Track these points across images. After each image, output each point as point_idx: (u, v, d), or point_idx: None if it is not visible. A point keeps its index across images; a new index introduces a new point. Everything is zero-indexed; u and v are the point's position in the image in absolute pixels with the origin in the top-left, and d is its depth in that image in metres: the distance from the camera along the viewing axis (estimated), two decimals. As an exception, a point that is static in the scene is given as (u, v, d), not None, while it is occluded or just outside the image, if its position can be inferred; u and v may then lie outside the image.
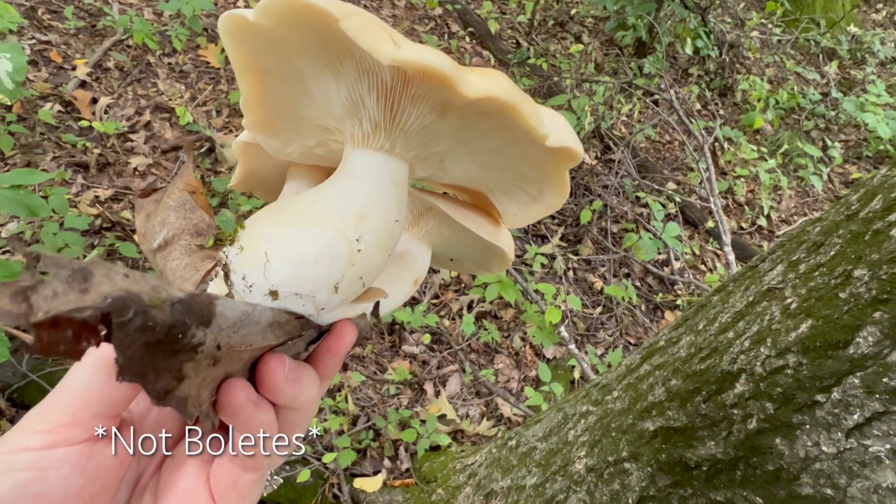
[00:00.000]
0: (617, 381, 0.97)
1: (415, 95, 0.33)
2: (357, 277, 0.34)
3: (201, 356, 0.27)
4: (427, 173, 0.41)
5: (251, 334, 0.30)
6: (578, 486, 0.92)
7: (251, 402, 0.31)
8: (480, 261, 0.50)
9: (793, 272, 0.62)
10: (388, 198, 0.35)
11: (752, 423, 0.61)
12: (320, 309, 0.34)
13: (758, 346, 0.62)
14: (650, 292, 2.72)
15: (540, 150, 0.35)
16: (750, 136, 3.91)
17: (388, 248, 0.36)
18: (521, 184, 0.41)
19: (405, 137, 0.36)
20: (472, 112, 0.33)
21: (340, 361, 0.36)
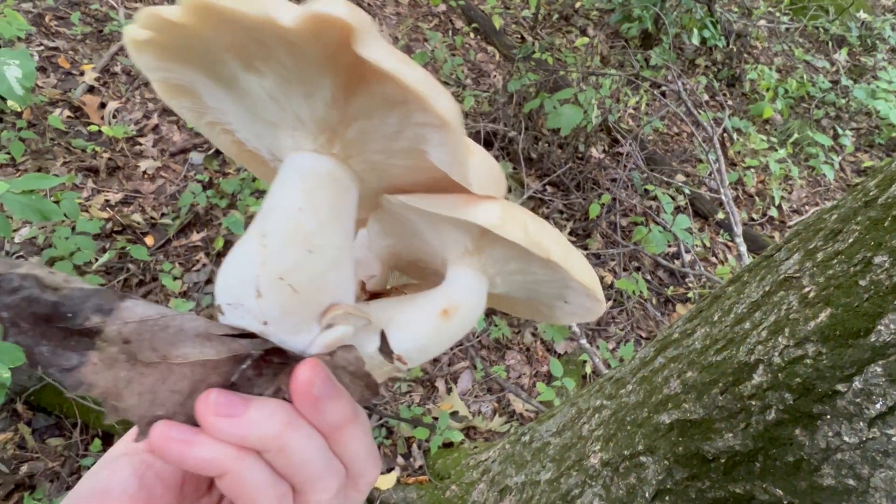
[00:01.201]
0: (631, 375, 0.96)
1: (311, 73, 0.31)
2: (276, 278, 0.31)
3: (107, 346, 0.27)
4: (369, 171, 0.37)
5: (181, 342, 0.29)
6: (594, 481, 0.92)
7: (171, 439, 0.28)
8: (557, 302, 0.43)
9: (810, 261, 0.62)
10: (292, 188, 0.33)
11: (770, 415, 0.60)
12: (262, 322, 0.31)
13: (775, 337, 0.61)
14: (661, 285, 2.70)
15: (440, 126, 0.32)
16: (759, 125, 3.87)
17: (299, 241, 0.31)
18: (434, 153, 0.36)
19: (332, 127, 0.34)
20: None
21: (319, 405, 0.30)
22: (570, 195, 2.88)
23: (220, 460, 0.28)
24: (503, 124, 3.01)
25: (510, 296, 0.43)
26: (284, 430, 0.29)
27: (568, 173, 2.87)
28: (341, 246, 0.34)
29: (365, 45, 0.26)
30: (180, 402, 0.29)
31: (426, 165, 0.34)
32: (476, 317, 0.38)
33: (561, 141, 2.91)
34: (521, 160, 2.72)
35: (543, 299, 0.43)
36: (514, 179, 2.88)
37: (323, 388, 0.30)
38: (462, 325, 0.37)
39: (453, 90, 3.39)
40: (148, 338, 0.28)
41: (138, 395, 0.28)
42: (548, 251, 0.34)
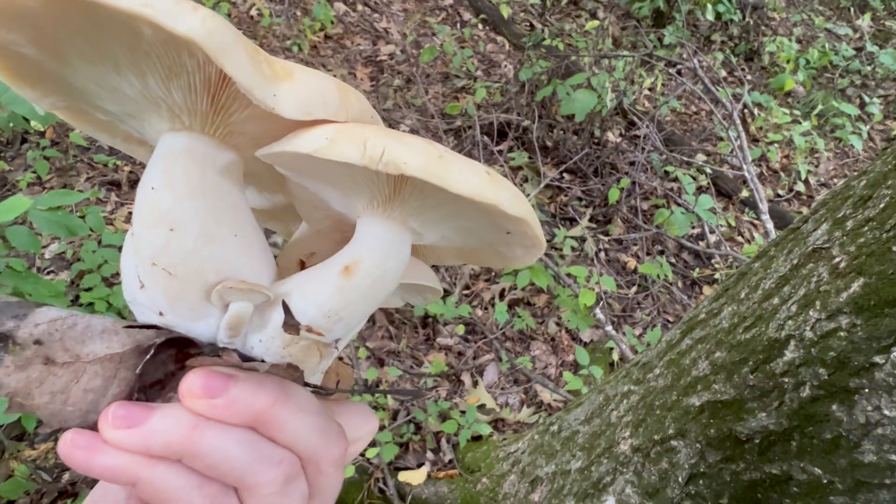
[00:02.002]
0: (658, 358, 0.94)
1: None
2: (150, 265, 0.30)
3: (19, 348, 0.28)
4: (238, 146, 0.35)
5: (88, 339, 0.29)
6: (625, 468, 0.90)
7: (76, 447, 0.27)
8: (497, 243, 0.39)
9: (839, 230, 0.59)
10: (150, 170, 0.31)
11: (805, 391, 0.58)
12: (158, 313, 0.30)
13: (806, 311, 0.59)
14: (686, 268, 2.65)
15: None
16: (781, 99, 3.76)
17: (157, 220, 0.30)
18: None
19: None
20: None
21: (215, 404, 0.28)
22: (588, 181, 2.84)
23: (126, 469, 0.27)
24: (516, 114, 2.99)
25: (452, 244, 0.40)
26: (191, 433, 0.28)
27: (585, 159, 2.83)
28: (213, 218, 0.31)
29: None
30: (94, 400, 0.29)
31: (266, 113, 0.30)
32: (393, 269, 0.35)
33: (576, 127, 2.87)
34: (536, 149, 2.69)
35: (488, 235, 0.38)
36: (530, 169, 2.85)
37: (210, 387, 0.28)
38: (372, 280, 0.33)
39: (465, 82, 3.37)
40: (58, 338, 0.29)
41: (50, 395, 0.28)
42: (399, 165, 0.28)
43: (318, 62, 3.27)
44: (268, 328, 0.32)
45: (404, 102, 3.13)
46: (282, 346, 0.32)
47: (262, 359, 0.32)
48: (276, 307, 0.32)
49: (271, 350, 0.32)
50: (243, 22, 3.37)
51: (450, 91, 3.35)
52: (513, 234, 0.36)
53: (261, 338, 0.32)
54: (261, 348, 0.32)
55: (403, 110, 3.02)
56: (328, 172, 0.34)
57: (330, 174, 0.34)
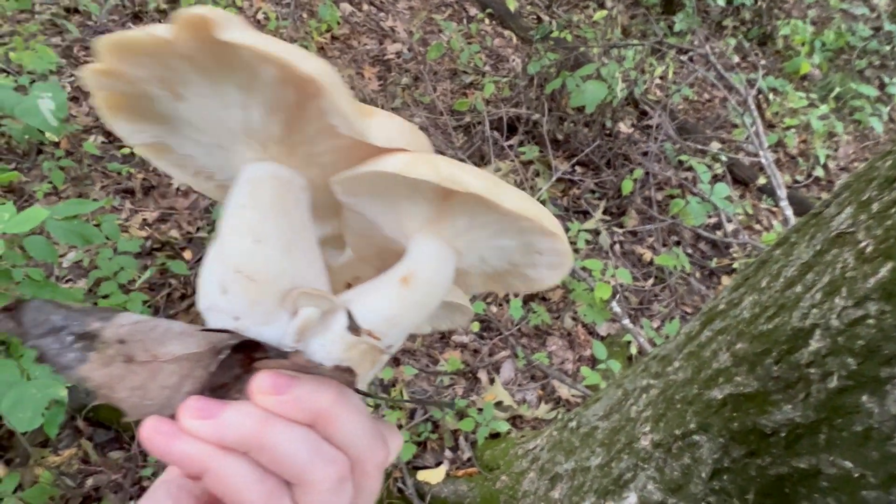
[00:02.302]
0: (677, 351, 0.92)
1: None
2: (234, 272, 0.33)
3: (104, 346, 0.31)
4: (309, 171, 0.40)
5: (167, 340, 0.32)
6: (646, 463, 0.88)
7: (158, 432, 0.30)
8: (526, 265, 0.43)
9: (864, 213, 0.57)
10: (238, 192, 0.36)
11: (832, 382, 0.56)
12: (234, 318, 0.33)
13: (831, 298, 0.56)
14: (704, 258, 2.61)
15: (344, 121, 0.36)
16: (797, 83, 3.68)
17: (245, 232, 0.34)
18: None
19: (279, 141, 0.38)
20: None
21: (281, 400, 0.31)
22: (601, 173, 2.81)
23: (199, 457, 0.30)
24: (526, 108, 2.96)
25: (488, 266, 0.44)
26: (260, 427, 0.30)
27: (596, 151, 2.79)
28: (291, 232, 0.36)
29: (224, 31, 0.30)
30: (169, 396, 0.32)
31: (347, 145, 0.36)
32: (441, 281, 0.39)
33: (587, 119, 2.83)
34: (547, 142, 2.66)
35: (519, 257, 0.42)
36: (541, 163, 2.82)
37: (278, 384, 0.31)
38: (425, 289, 0.38)
39: (473, 78, 3.35)
40: (140, 338, 0.32)
41: (130, 390, 0.31)
42: (465, 184, 0.33)
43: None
44: (329, 333, 0.35)
45: (412, 100, 3.12)
46: (341, 351, 0.35)
47: (322, 363, 0.35)
48: (338, 314, 0.36)
49: (332, 354, 0.35)
50: (250, 26, 3.38)
51: (458, 87, 3.33)
52: (544, 253, 0.41)
53: (322, 342, 0.35)
54: (322, 352, 0.35)
55: (412, 108, 3.01)
56: (390, 196, 0.39)
57: (390, 198, 0.39)
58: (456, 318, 0.50)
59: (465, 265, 0.43)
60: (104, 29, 3.11)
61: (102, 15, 3.21)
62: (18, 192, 2.36)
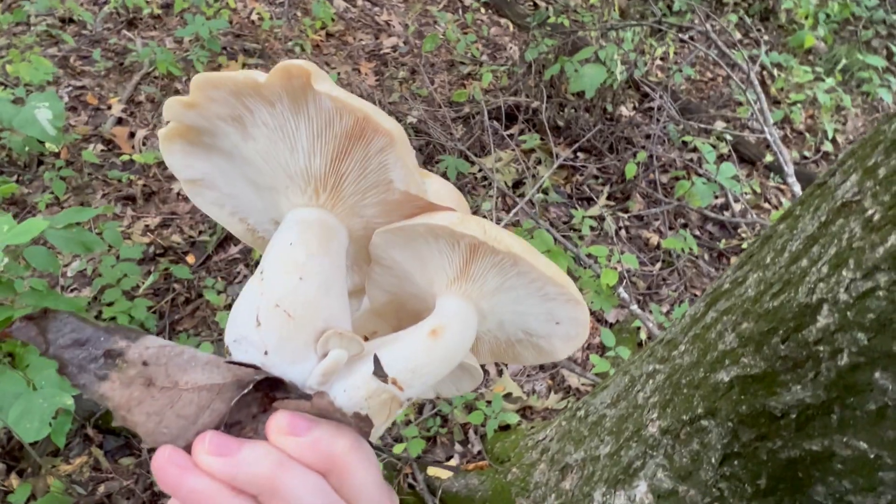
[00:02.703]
0: (682, 334, 0.89)
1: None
2: (273, 306, 0.34)
3: (127, 366, 0.31)
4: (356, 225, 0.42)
5: (191, 368, 0.31)
6: (654, 451, 0.86)
7: (171, 463, 0.29)
8: (540, 335, 0.45)
9: (870, 179, 0.53)
10: (286, 231, 0.37)
11: (843, 359, 0.53)
12: (263, 352, 0.33)
13: (839, 271, 0.53)
14: (712, 240, 2.56)
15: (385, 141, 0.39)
16: (801, 57, 3.61)
17: (291, 269, 0.35)
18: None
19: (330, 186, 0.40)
20: None
21: (298, 443, 0.30)
22: (604, 158, 2.77)
23: (210, 495, 0.28)
24: (525, 96, 2.92)
25: (502, 333, 0.45)
26: (276, 470, 0.29)
27: (598, 136, 2.75)
28: (331, 275, 0.37)
29: (319, 82, 0.33)
30: (185, 426, 0.31)
31: (395, 200, 0.39)
32: (467, 338, 0.40)
33: (587, 104, 2.79)
34: (548, 130, 2.62)
35: (536, 326, 0.44)
36: (542, 150, 2.79)
37: (296, 425, 0.30)
38: (452, 344, 0.38)
39: (470, 68, 3.32)
40: (164, 362, 0.31)
41: (146, 415, 0.31)
42: (508, 245, 0.36)
43: (322, 60, 3.25)
44: (354, 378, 0.35)
45: (410, 94, 3.09)
46: (364, 398, 0.35)
47: (343, 410, 0.34)
48: (365, 360, 0.36)
49: (353, 400, 0.34)
50: (245, 27, 3.37)
51: (456, 78, 3.29)
52: (562, 323, 0.42)
53: (345, 388, 0.35)
54: (343, 398, 0.34)
55: (410, 102, 2.98)
56: (425, 252, 0.41)
57: (425, 254, 0.41)
58: (463, 384, 0.50)
59: (483, 329, 0.44)
60: (99, 38, 3.11)
61: (97, 24, 3.21)
62: (21, 204, 2.36)
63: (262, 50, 3.20)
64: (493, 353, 0.48)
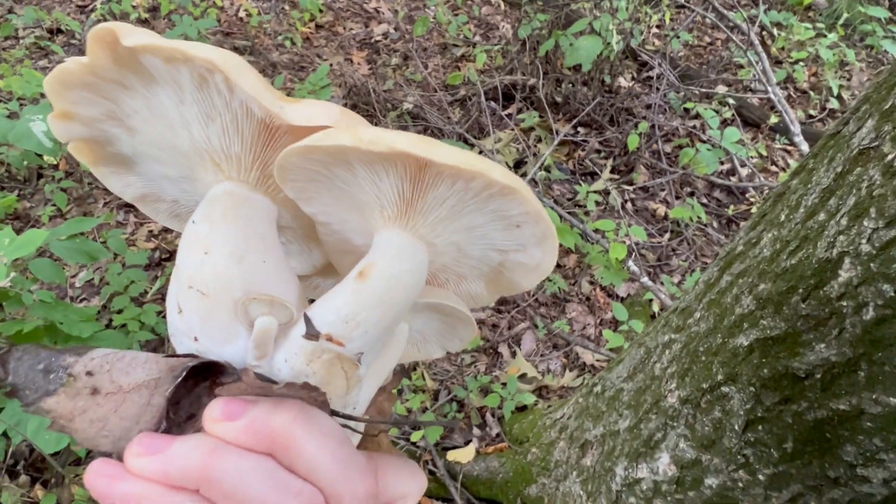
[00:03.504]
0: (697, 301, 0.87)
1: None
2: (186, 288, 0.32)
3: (73, 379, 0.30)
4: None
5: (132, 369, 0.31)
6: (675, 421, 0.84)
7: (99, 474, 0.27)
8: (512, 249, 0.40)
9: (888, 123, 0.51)
10: (196, 210, 0.35)
11: (868, 313, 0.51)
12: (194, 339, 0.32)
13: (859, 221, 0.51)
14: (720, 206, 2.52)
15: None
16: (801, 14, 3.52)
17: (195, 246, 0.33)
18: None
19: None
20: None
21: (232, 426, 0.28)
22: (605, 131, 2.72)
23: (143, 498, 0.27)
24: (521, 74, 2.87)
25: (476, 259, 0.41)
26: (208, 458, 0.27)
27: (598, 109, 2.71)
28: (243, 242, 0.34)
29: (126, 37, 0.31)
30: (128, 428, 0.30)
31: (286, 144, 0.35)
32: (405, 271, 0.35)
33: (584, 78, 2.74)
34: (546, 106, 2.58)
35: (501, 241, 0.38)
36: (542, 128, 2.75)
37: (229, 411, 0.28)
38: (386, 281, 0.34)
39: (463, 50, 3.27)
40: (108, 369, 0.31)
41: (89, 422, 0.30)
42: (388, 143, 0.30)
43: (313, 53, 3.22)
44: (290, 344, 0.32)
45: (404, 80, 3.05)
46: (305, 363, 0.32)
47: (287, 381, 0.32)
48: (298, 323, 0.33)
49: (295, 368, 0.32)
50: (233, 25, 3.33)
51: (449, 61, 3.25)
52: (521, 225, 0.37)
53: (286, 357, 0.32)
54: (286, 368, 0.32)
55: (405, 88, 2.94)
56: (342, 190, 0.37)
57: (338, 195, 0.37)
58: (459, 331, 0.47)
59: (448, 260, 0.40)
60: (88, 45, 3.09)
61: (86, 32, 3.19)
62: (24, 218, 2.36)
63: (252, 46, 3.17)
64: (489, 288, 0.44)
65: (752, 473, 0.71)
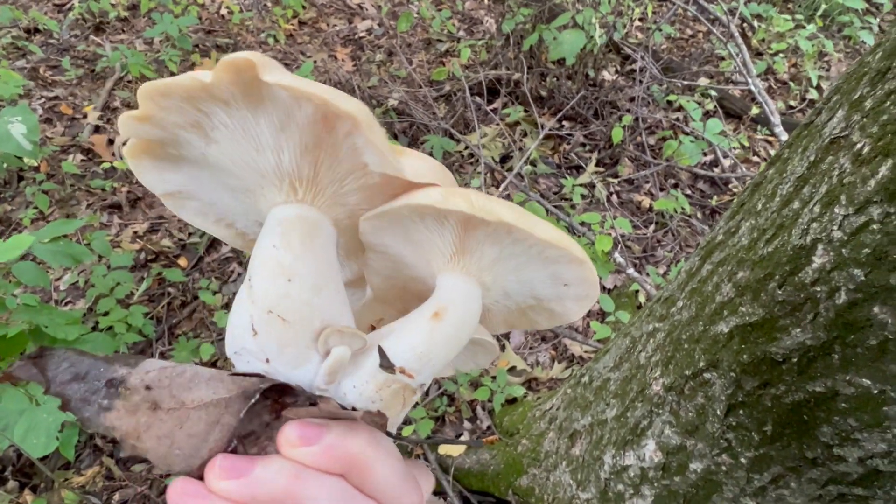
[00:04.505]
0: (679, 290, 0.89)
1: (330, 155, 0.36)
2: (266, 312, 0.33)
3: (130, 393, 0.30)
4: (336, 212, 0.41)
5: (195, 385, 0.31)
6: (660, 409, 0.86)
7: (187, 494, 0.29)
8: (550, 299, 0.44)
9: (857, 112, 0.52)
10: (268, 234, 0.36)
11: (840, 298, 0.52)
12: (265, 360, 0.33)
13: (831, 208, 0.52)
14: (703, 197, 2.55)
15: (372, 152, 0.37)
16: (781, 6, 3.57)
17: (278, 273, 0.34)
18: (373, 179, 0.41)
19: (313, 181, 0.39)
20: None
21: (311, 451, 0.30)
22: (590, 125, 2.74)
23: None
24: (505, 68, 2.88)
25: (511, 302, 0.44)
26: (293, 483, 0.29)
27: (582, 103, 2.72)
28: (322, 272, 0.36)
29: (267, 73, 0.31)
30: (196, 445, 0.30)
31: (376, 184, 0.37)
32: (471, 315, 0.39)
33: (568, 72, 2.76)
34: (531, 101, 2.59)
35: (543, 290, 0.42)
36: (527, 122, 2.76)
37: (306, 436, 0.30)
38: (457, 324, 0.37)
39: (448, 45, 3.27)
40: (167, 384, 0.31)
41: (157, 439, 0.30)
42: (497, 214, 0.34)
43: (297, 50, 3.19)
44: (361, 372, 0.34)
45: (389, 77, 3.04)
46: (374, 391, 0.34)
47: (354, 406, 0.34)
48: (370, 353, 0.35)
49: (364, 395, 0.34)
50: (215, 22, 3.30)
51: (434, 57, 3.24)
52: (570, 284, 0.41)
53: (354, 383, 0.34)
54: (354, 394, 0.34)
55: (389, 85, 2.94)
56: (417, 233, 0.39)
57: (417, 235, 0.40)
58: (479, 358, 0.50)
59: (490, 301, 0.42)
60: (67, 45, 3.05)
61: (64, 31, 3.14)
62: (6, 222, 2.33)
63: (234, 44, 3.14)
64: (506, 323, 0.47)
65: (734, 457, 0.72)
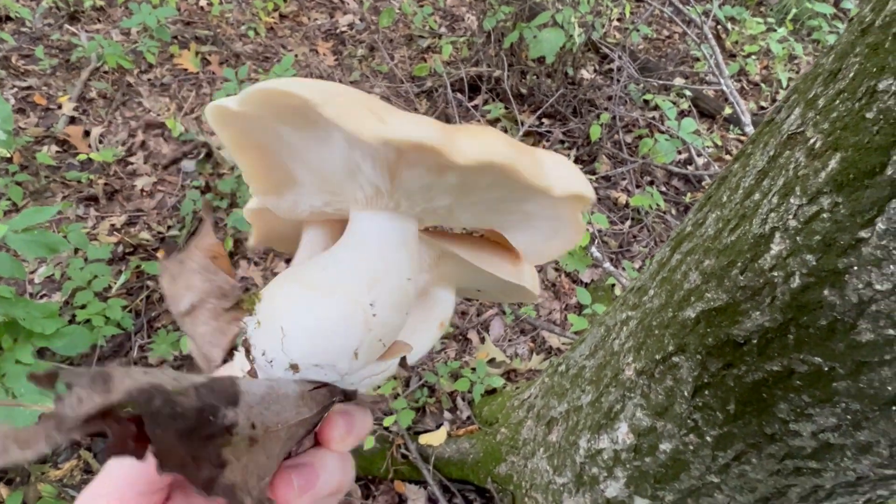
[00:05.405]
0: (651, 280, 0.93)
1: (409, 161, 0.32)
2: (376, 340, 0.34)
3: (238, 438, 0.27)
4: (437, 222, 0.41)
5: (284, 410, 0.30)
6: (632, 392, 0.90)
7: (301, 488, 0.33)
8: (506, 293, 0.50)
9: (812, 110, 0.56)
10: (398, 257, 0.35)
11: (794, 282, 0.56)
12: (344, 374, 0.34)
13: (787, 199, 0.57)
14: (678, 194, 2.62)
15: (546, 198, 0.34)
16: (753, 9, 3.66)
17: (404, 306, 0.35)
18: (534, 223, 0.41)
19: (408, 196, 0.35)
20: (470, 172, 0.32)
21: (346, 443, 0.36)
22: (568, 123, 2.79)
23: None
24: (486, 65, 2.91)
25: (481, 222, 0.41)
26: (345, 475, 0.35)
27: (561, 101, 2.77)
28: (407, 301, 0.37)
29: (460, 155, 0.28)
30: (269, 467, 0.29)
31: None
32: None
33: (548, 70, 2.80)
34: (511, 98, 2.63)
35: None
36: (507, 119, 2.80)
37: (351, 428, 0.36)
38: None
39: (429, 41, 3.28)
40: (270, 417, 0.29)
41: (243, 469, 0.27)
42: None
43: (278, 43, 3.18)
44: (382, 366, 0.37)
45: (371, 71, 3.05)
46: (383, 379, 0.38)
47: (356, 389, 0.36)
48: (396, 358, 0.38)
49: (374, 382, 0.38)
50: (194, 14, 3.26)
51: (415, 53, 3.26)
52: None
53: (374, 372, 0.37)
54: (368, 382, 0.37)
55: (371, 79, 2.95)
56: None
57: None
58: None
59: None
60: (41, 34, 2.98)
61: (37, 20, 3.07)
62: (-23, 214, 2.28)
63: (214, 36, 3.11)
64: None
65: (700, 436, 0.77)
